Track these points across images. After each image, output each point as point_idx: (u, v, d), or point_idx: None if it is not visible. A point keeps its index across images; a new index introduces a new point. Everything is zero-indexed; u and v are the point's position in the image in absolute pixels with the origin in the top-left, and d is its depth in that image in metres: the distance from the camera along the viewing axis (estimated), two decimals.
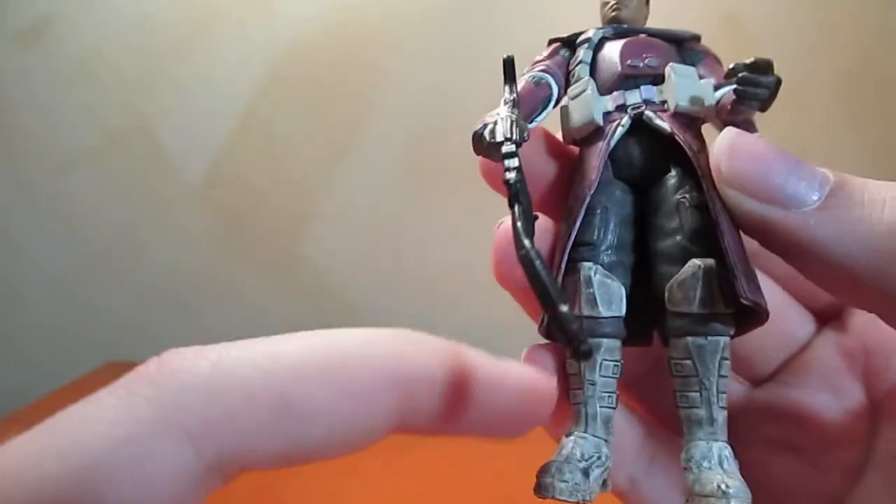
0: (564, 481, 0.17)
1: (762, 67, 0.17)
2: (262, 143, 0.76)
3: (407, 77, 0.72)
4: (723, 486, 0.16)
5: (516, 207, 0.15)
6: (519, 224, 0.14)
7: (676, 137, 0.18)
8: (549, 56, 0.21)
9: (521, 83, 0.20)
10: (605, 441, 0.19)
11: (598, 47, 0.20)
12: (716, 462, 0.17)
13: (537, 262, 0.13)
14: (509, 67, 0.18)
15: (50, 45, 0.77)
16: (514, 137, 0.16)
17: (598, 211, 0.19)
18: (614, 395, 0.19)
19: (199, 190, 0.77)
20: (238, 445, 0.12)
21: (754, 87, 0.17)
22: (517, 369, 0.15)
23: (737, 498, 0.16)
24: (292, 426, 0.13)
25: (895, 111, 0.65)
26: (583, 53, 0.20)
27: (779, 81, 0.17)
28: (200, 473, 0.12)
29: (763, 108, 0.18)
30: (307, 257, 0.77)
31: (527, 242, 0.14)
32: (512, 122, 0.17)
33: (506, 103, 0.18)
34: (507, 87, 0.18)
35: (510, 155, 0.16)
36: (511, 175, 0.15)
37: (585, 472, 0.18)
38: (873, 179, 0.17)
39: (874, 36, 0.65)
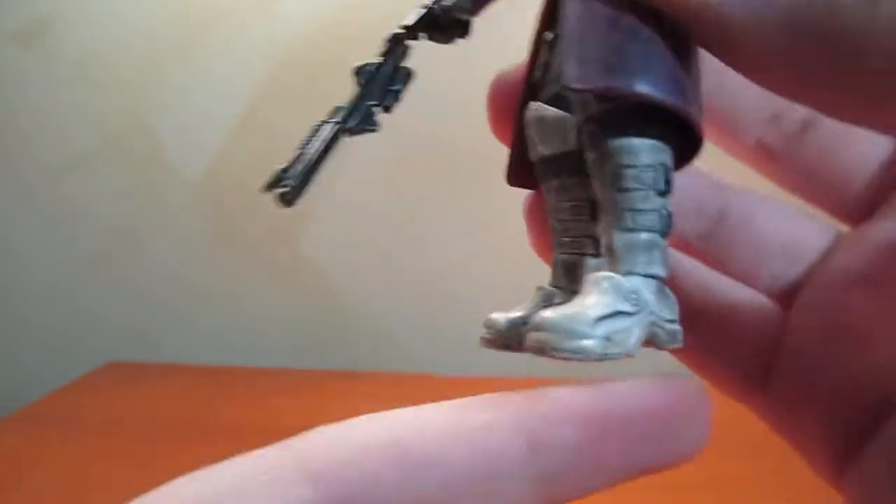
0: (485, 329, 0.16)
1: None
2: (261, 144, 0.76)
3: None
4: (538, 318, 0.14)
5: (360, 90, 0.18)
6: (348, 101, 0.18)
7: None
8: None
9: None
10: (560, 288, 0.17)
11: None
12: (587, 292, 0.14)
13: (316, 136, 0.18)
14: None
15: (48, 46, 0.77)
16: (409, 23, 0.18)
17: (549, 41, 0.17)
18: (580, 241, 0.16)
19: (199, 190, 0.77)
20: (359, 490, 0.13)
21: None
22: (634, 388, 0.13)
23: (548, 331, 0.13)
24: (410, 473, 0.12)
25: None
26: None
27: None
28: None
29: None
30: (307, 258, 0.77)
31: (334, 118, 0.18)
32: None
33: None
34: None
35: (388, 39, 0.19)
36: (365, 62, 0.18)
37: (512, 323, 0.16)
38: None
39: None
